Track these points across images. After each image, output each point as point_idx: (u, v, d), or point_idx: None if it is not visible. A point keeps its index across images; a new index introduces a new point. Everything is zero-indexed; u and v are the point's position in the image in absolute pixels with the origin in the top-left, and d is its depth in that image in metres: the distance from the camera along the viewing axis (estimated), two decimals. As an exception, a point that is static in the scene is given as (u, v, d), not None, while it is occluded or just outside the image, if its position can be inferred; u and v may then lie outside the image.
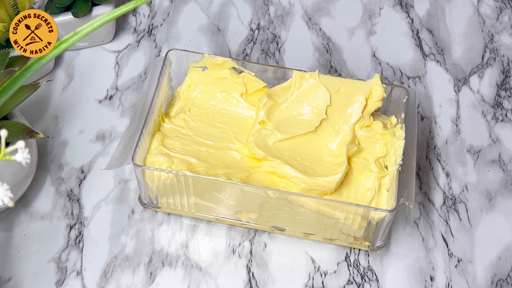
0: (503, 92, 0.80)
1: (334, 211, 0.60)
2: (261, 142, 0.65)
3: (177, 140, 0.66)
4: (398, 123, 0.66)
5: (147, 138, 0.65)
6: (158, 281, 0.65)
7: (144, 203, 0.67)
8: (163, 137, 0.66)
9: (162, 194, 0.64)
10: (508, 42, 0.84)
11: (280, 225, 0.65)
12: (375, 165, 0.64)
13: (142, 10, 0.86)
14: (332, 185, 0.62)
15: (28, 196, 0.70)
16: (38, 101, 0.76)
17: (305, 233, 0.65)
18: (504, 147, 0.75)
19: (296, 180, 0.62)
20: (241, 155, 0.66)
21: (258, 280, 0.65)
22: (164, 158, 0.63)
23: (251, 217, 0.65)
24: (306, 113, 0.66)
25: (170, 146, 0.65)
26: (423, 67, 0.82)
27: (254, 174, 0.64)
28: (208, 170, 0.63)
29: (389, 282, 0.66)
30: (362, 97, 0.65)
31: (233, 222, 0.66)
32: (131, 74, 0.80)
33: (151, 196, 0.65)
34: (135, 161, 0.61)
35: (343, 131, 0.65)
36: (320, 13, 0.86)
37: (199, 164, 0.64)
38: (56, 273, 0.65)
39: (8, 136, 0.41)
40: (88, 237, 0.68)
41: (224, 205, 0.64)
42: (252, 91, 0.68)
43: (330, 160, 0.64)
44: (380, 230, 0.61)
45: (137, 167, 0.61)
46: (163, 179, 0.62)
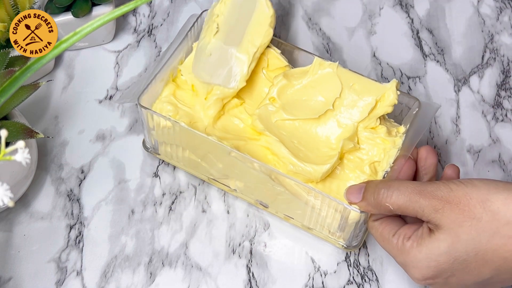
0: (503, 92, 0.80)
1: (308, 196, 0.61)
2: (264, 117, 0.66)
3: (189, 93, 0.68)
4: (399, 131, 0.66)
5: (160, 84, 0.67)
6: (158, 281, 0.65)
7: (147, 147, 0.70)
8: (176, 87, 0.68)
9: (161, 141, 0.67)
10: (508, 42, 0.84)
11: (264, 200, 0.67)
12: (368, 168, 0.64)
13: (142, 10, 0.86)
14: (318, 174, 0.62)
15: (28, 196, 0.70)
16: (38, 101, 0.76)
17: (286, 215, 0.67)
18: (504, 147, 0.75)
19: (285, 160, 0.63)
20: (245, 124, 0.68)
21: (258, 280, 0.65)
22: (171, 107, 0.66)
23: (238, 186, 0.67)
24: (314, 99, 0.67)
25: (180, 97, 0.68)
26: (423, 67, 0.82)
27: (250, 145, 0.66)
28: (208, 129, 0.66)
29: (389, 282, 0.66)
30: (372, 98, 0.65)
31: (222, 187, 0.68)
32: (131, 74, 0.80)
33: (152, 141, 0.68)
34: (140, 101, 0.64)
35: (345, 125, 0.66)
36: (320, 13, 0.86)
37: (201, 121, 0.66)
38: (56, 273, 0.65)
39: (8, 136, 0.41)
40: (88, 237, 0.68)
41: (213, 166, 0.66)
42: (273, 68, 0.69)
43: (325, 151, 0.65)
44: (352, 228, 0.62)
45: (141, 108, 0.64)
46: (162, 125, 0.64)
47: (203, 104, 0.67)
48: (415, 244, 0.54)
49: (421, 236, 0.54)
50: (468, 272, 0.52)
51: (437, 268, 0.53)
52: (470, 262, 0.51)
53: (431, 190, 0.53)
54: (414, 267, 0.54)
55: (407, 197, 0.53)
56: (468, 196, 0.51)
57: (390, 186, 0.55)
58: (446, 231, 0.52)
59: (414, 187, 0.54)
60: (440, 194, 0.52)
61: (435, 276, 0.53)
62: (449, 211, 0.51)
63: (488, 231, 0.50)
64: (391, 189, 0.55)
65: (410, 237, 0.54)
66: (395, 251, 0.56)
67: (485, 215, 0.50)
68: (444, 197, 0.52)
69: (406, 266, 0.55)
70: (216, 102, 0.67)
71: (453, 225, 0.51)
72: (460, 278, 0.53)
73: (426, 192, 0.53)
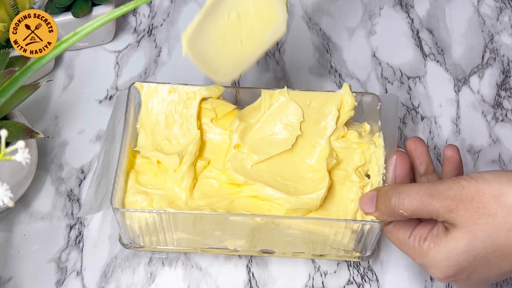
0: (503, 92, 0.80)
1: (323, 228, 0.60)
2: (238, 166, 0.63)
3: (152, 174, 0.64)
4: (372, 130, 0.65)
5: (122, 178, 0.62)
6: (158, 281, 0.65)
7: (125, 243, 0.64)
8: (136, 174, 0.63)
9: (145, 233, 0.62)
10: (508, 42, 0.84)
11: (269, 248, 0.64)
12: (355, 175, 0.63)
13: (142, 10, 0.86)
14: (316, 202, 0.61)
15: (28, 196, 0.70)
16: (38, 101, 0.76)
17: (294, 253, 0.65)
18: (504, 147, 0.75)
19: (280, 201, 0.61)
20: (220, 182, 0.64)
21: (258, 280, 0.65)
22: (142, 196, 0.61)
23: (238, 244, 0.64)
24: (280, 131, 0.65)
25: (145, 182, 0.63)
26: (423, 67, 0.82)
27: (237, 201, 0.62)
28: (189, 202, 0.62)
29: (389, 282, 0.66)
30: (334, 108, 0.64)
31: (220, 251, 0.65)
32: (131, 74, 0.80)
33: (132, 236, 0.63)
34: (114, 204, 0.59)
35: (319, 145, 0.64)
36: (320, 13, 0.86)
37: (178, 198, 0.62)
38: (56, 273, 0.65)
39: (8, 136, 0.40)
40: (88, 237, 0.67)
41: (210, 236, 0.63)
42: (222, 115, 0.66)
43: (311, 176, 0.63)
44: (369, 240, 0.61)
45: (117, 210, 0.59)
46: (145, 218, 0.60)
47: (175, 179, 0.62)
48: (432, 245, 0.53)
49: (437, 236, 0.53)
50: (489, 267, 0.52)
51: (458, 267, 0.52)
52: (490, 258, 0.51)
53: (442, 190, 0.52)
54: (435, 267, 0.53)
55: (419, 201, 0.53)
56: (481, 193, 0.51)
57: (400, 192, 0.54)
58: (462, 230, 0.51)
59: (425, 190, 0.53)
60: (452, 194, 0.52)
61: (457, 274, 0.53)
62: (464, 210, 0.51)
63: (505, 226, 0.50)
64: (401, 195, 0.54)
65: (426, 238, 0.54)
66: (413, 253, 0.55)
67: (500, 210, 0.50)
68: (457, 195, 0.51)
69: (427, 267, 0.55)
70: (189, 169, 0.62)
71: (469, 223, 0.51)
72: (481, 273, 0.53)
73: (438, 193, 0.52)
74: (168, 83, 0.65)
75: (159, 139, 0.65)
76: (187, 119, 0.65)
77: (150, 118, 0.65)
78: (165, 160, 0.63)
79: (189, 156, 0.63)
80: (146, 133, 0.65)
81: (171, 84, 0.65)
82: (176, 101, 0.65)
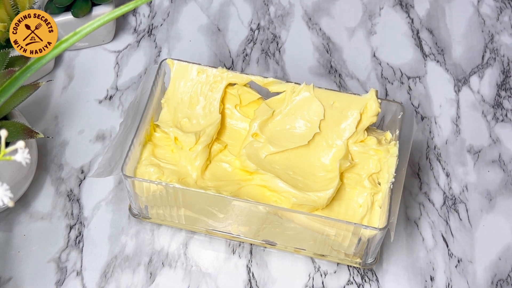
0: (503, 92, 0.80)
1: (324, 227, 0.60)
2: (253, 154, 0.64)
3: (168, 150, 0.65)
4: (393, 139, 0.65)
5: (138, 148, 0.64)
6: (158, 281, 0.65)
7: (135, 213, 0.66)
8: (153, 147, 0.65)
9: (152, 205, 0.64)
10: (508, 42, 0.84)
11: (271, 239, 0.65)
12: (368, 181, 0.63)
13: (142, 10, 0.86)
14: (323, 201, 0.61)
15: (28, 196, 0.70)
16: (38, 101, 0.76)
17: (296, 248, 0.65)
18: (504, 147, 0.75)
19: (287, 194, 0.62)
20: (233, 167, 0.65)
21: (258, 280, 0.65)
22: (154, 168, 0.63)
23: (242, 230, 0.64)
24: (299, 126, 0.65)
25: (160, 156, 0.65)
26: (423, 67, 0.82)
27: (245, 187, 0.63)
28: (198, 181, 0.63)
29: (389, 282, 0.66)
30: (356, 112, 0.64)
31: (224, 235, 0.66)
32: (131, 74, 0.80)
33: (141, 206, 0.65)
34: (124, 171, 0.60)
35: (336, 145, 0.65)
36: (320, 13, 0.86)
37: (189, 175, 0.63)
38: (56, 273, 0.65)
39: (8, 136, 0.41)
40: (88, 237, 0.68)
41: (214, 218, 0.63)
42: (246, 103, 0.67)
43: (323, 175, 0.64)
44: (371, 247, 0.61)
45: (126, 178, 0.60)
46: (153, 190, 0.61)
47: (189, 157, 0.64)
48: None
49: None
50: None
51: None
52: None
53: None
54: None
55: None
56: None
57: None
58: None
59: None
60: None
61: None
62: None
63: None
64: None
65: None
66: None
67: None
68: None
69: None
70: (204, 150, 0.64)
71: None
72: None
73: None
74: (198, 63, 0.67)
75: (180, 116, 0.66)
76: (210, 102, 0.66)
77: (176, 95, 0.67)
78: (183, 137, 0.65)
79: (206, 137, 0.64)
80: (169, 109, 0.67)
81: (200, 65, 0.67)
82: (203, 82, 0.67)
